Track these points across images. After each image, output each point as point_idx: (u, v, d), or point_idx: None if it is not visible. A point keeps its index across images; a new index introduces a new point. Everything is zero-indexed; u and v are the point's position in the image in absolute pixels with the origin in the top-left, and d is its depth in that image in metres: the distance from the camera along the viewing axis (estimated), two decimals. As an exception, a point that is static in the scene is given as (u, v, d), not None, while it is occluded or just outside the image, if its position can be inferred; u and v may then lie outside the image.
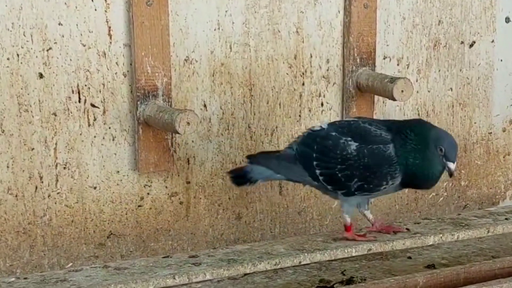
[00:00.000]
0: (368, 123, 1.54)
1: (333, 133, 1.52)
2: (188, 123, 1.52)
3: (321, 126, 1.56)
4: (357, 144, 1.49)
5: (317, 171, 1.52)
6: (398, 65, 1.92)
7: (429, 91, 1.98)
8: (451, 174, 1.50)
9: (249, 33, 1.73)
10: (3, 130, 1.53)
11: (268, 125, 1.80)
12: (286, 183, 1.84)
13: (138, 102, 1.61)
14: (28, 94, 1.54)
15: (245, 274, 1.50)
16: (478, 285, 1.44)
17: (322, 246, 1.58)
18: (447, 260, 1.61)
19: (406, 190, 2.00)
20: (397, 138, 1.50)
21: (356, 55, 1.84)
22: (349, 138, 1.50)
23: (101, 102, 1.60)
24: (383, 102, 1.92)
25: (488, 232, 1.72)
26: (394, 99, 1.75)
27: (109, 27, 1.58)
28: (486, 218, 1.80)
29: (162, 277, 1.41)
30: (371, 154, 1.48)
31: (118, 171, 1.65)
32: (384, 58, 1.90)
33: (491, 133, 2.10)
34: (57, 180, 1.59)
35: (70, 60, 1.56)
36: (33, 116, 1.55)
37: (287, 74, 1.80)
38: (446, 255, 1.64)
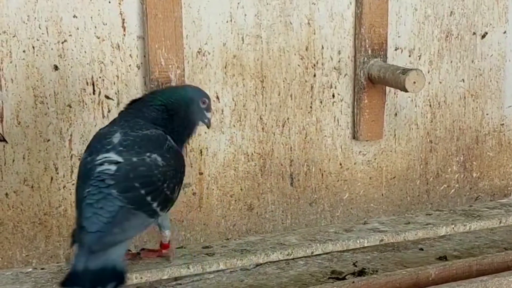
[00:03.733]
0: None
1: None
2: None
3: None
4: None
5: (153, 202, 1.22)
6: (409, 56, 1.92)
7: (440, 83, 1.98)
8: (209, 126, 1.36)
9: (261, 25, 1.73)
10: (19, 122, 1.55)
11: (279, 117, 1.81)
12: (298, 173, 1.85)
13: (152, 94, 1.62)
14: (43, 86, 1.55)
15: (257, 265, 1.51)
16: (490, 276, 1.44)
17: (334, 237, 1.59)
18: (459, 252, 1.62)
19: (418, 181, 2.01)
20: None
21: (367, 46, 1.84)
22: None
23: (115, 94, 1.62)
24: (395, 94, 1.92)
25: (500, 223, 1.72)
26: (406, 91, 1.75)
27: (123, 20, 1.59)
28: (498, 210, 1.80)
29: (176, 266, 1.43)
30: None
31: (132, 163, 1.66)
32: (395, 49, 1.90)
33: (503, 124, 2.09)
34: (72, 171, 1.61)
35: (85, 52, 1.57)
36: (48, 108, 1.56)
37: (298, 65, 1.80)
38: (458, 246, 1.64)
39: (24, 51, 1.52)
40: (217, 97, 1.73)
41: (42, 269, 1.43)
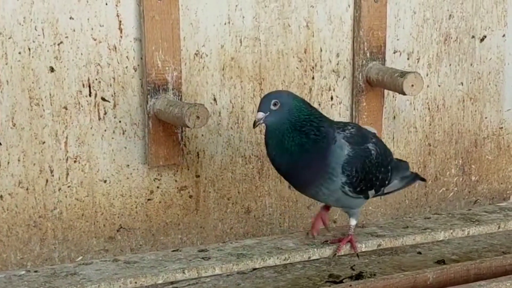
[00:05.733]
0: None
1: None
2: (198, 117, 1.52)
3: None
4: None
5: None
6: (408, 59, 1.91)
7: (439, 86, 1.97)
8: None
9: (259, 28, 1.73)
10: (15, 124, 1.54)
11: (277, 120, 1.80)
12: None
13: (149, 96, 1.61)
14: (39, 88, 1.54)
15: (254, 269, 1.50)
16: (489, 281, 1.44)
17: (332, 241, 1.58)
18: (457, 256, 1.61)
19: (416, 184, 2.00)
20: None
21: (366, 49, 1.83)
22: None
23: (112, 96, 1.61)
24: (393, 97, 1.91)
25: (499, 227, 1.72)
26: (404, 94, 1.74)
27: (120, 21, 1.58)
28: (496, 214, 1.79)
29: (171, 271, 1.42)
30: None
31: (128, 165, 1.65)
32: (394, 52, 1.89)
33: (502, 128, 2.08)
34: (67, 174, 1.60)
35: (81, 54, 1.56)
36: (44, 110, 1.55)
37: (297, 68, 1.79)
38: (457, 250, 1.64)
39: (19, 53, 1.51)
40: (215, 99, 1.72)
41: (36, 271, 1.41)
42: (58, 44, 1.54)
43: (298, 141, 1.40)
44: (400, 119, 1.94)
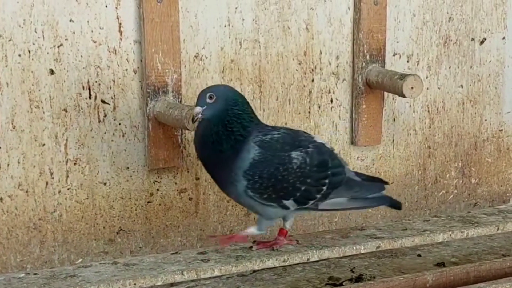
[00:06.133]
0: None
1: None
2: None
3: None
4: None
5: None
6: (408, 62, 1.92)
7: (439, 88, 1.98)
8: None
9: (259, 30, 1.73)
10: (14, 126, 1.54)
11: (277, 122, 1.80)
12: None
13: (148, 99, 1.61)
14: (39, 90, 1.55)
15: (254, 271, 1.50)
16: (488, 283, 1.43)
17: (331, 243, 1.58)
18: (457, 258, 1.61)
19: (416, 187, 2.00)
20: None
21: (366, 51, 1.83)
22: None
23: (112, 98, 1.61)
24: (393, 99, 1.91)
25: (498, 229, 1.72)
26: (403, 96, 1.75)
27: (120, 24, 1.58)
28: (496, 216, 1.79)
29: (170, 273, 1.42)
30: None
31: (128, 167, 1.65)
32: (394, 55, 1.89)
33: (501, 130, 2.08)
34: (67, 176, 1.60)
35: (81, 56, 1.56)
36: (44, 112, 1.56)
37: (296, 70, 1.80)
38: (456, 253, 1.63)
39: (19, 55, 1.52)
40: (214, 102, 1.72)
41: (35, 274, 1.42)
42: (58, 47, 1.54)
43: (218, 137, 1.37)
44: (399, 122, 1.94)
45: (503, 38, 2.02)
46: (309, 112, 1.83)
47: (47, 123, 1.56)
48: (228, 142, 1.38)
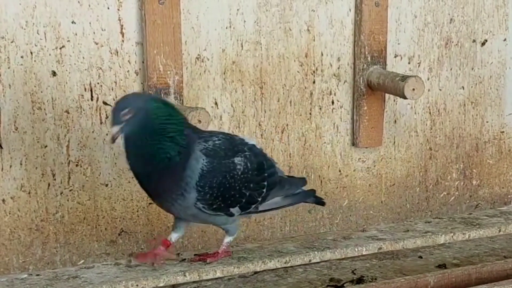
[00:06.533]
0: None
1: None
2: (200, 121, 1.52)
3: None
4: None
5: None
6: (409, 63, 1.92)
7: (440, 90, 1.98)
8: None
9: (260, 32, 1.73)
10: (17, 128, 1.54)
11: (278, 123, 1.80)
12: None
13: (150, 100, 1.61)
14: (41, 92, 1.55)
15: (255, 272, 1.51)
16: (490, 285, 1.44)
17: (332, 245, 1.58)
18: (459, 260, 1.61)
19: (417, 189, 2.00)
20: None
21: (367, 53, 1.83)
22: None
23: (113, 100, 1.61)
24: (394, 101, 1.91)
25: (500, 231, 1.72)
26: (405, 98, 1.75)
27: (122, 25, 1.59)
28: (497, 218, 1.79)
29: (172, 274, 1.42)
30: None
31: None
32: (395, 56, 1.89)
33: (503, 132, 2.08)
34: (69, 178, 1.60)
35: (83, 58, 1.57)
36: (46, 114, 1.56)
37: (298, 72, 1.80)
38: (458, 255, 1.63)
39: (22, 57, 1.52)
40: (216, 103, 1.72)
41: (38, 275, 1.42)
42: (60, 48, 1.55)
43: (160, 146, 1.29)
44: (401, 123, 1.94)
45: (505, 39, 2.02)
46: (310, 114, 1.83)
47: (49, 125, 1.57)
48: (174, 149, 1.30)
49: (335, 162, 1.88)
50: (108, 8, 1.57)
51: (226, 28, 1.69)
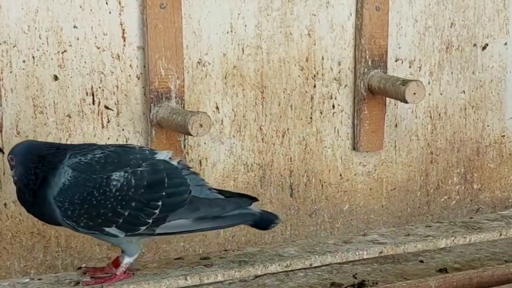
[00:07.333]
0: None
1: None
2: (201, 125, 1.53)
3: None
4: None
5: None
6: (410, 67, 1.92)
7: (441, 94, 1.98)
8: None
9: (261, 36, 1.74)
10: (19, 132, 1.55)
11: (279, 127, 1.81)
12: (298, 184, 1.85)
13: (152, 104, 1.62)
14: (43, 96, 1.56)
15: (256, 276, 1.51)
16: (491, 289, 1.44)
17: (333, 249, 1.58)
18: (460, 264, 1.60)
19: (418, 193, 2.00)
20: None
21: (368, 57, 1.84)
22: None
23: (115, 104, 1.62)
24: (395, 105, 1.92)
25: (501, 235, 1.71)
26: (406, 102, 1.75)
27: (123, 30, 1.59)
28: (498, 221, 1.79)
29: (174, 278, 1.42)
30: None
31: (131, 173, 1.66)
32: (396, 61, 1.90)
33: (504, 136, 2.09)
34: (71, 181, 1.61)
35: (85, 62, 1.57)
36: (48, 118, 1.57)
37: (298, 76, 1.80)
38: (459, 259, 1.63)
39: (24, 61, 1.53)
40: (217, 108, 1.73)
41: (39, 279, 1.42)
42: (62, 53, 1.55)
43: (25, 182, 1.27)
44: (402, 127, 1.95)
45: (505, 43, 2.02)
46: (311, 118, 1.84)
47: (51, 129, 1.57)
48: (28, 178, 1.27)
49: (336, 166, 1.88)
50: (110, 12, 1.57)
51: (227, 32, 1.70)
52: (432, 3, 1.91)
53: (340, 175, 1.89)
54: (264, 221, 1.41)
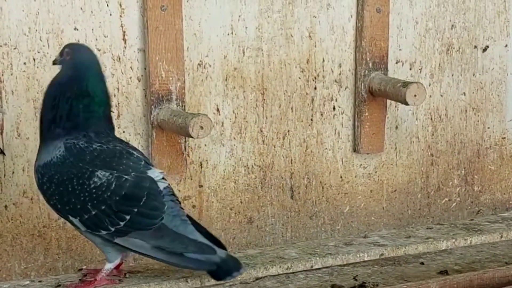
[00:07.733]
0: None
1: None
2: (202, 127, 1.53)
3: None
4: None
5: None
6: (410, 69, 1.92)
7: (442, 96, 1.98)
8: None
9: (262, 38, 1.74)
10: (19, 134, 1.55)
11: (280, 129, 1.81)
12: (298, 186, 1.85)
13: (152, 106, 1.62)
14: (43, 98, 1.55)
15: (257, 279, 1.51)
16: (491, 291, 1.44)
17: (334, 251, 1.58)
18: (460, 266, 1.61)
19: (419, 195, 2.00)
20: None
21: (368, 59, 1.84)
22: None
23: (116, 106, 1.62)
24: (396, 107, 1.92)
25: (501, 237, 1.72)
26: (406, 104, 1.75)
27: (124, 32, 1.60)
28: (499, 223, 1.79)
29: (175, 280, 1.42)
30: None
31: (132, 175, 1.66)
32: (396, 63, 1.90)
33: (504, 138, 2.09)
34: (71, 183, 1.60)
35: (85, 64, 1.57)
36: (48, 120, 1.56)
37: (299, 78, 1.80)
38: (459, 261, 1.63)
39: (25, 63, 1.53)
40: (218, 110, 1.73)
41: (40, 281, 1.42)
42: (63, 55, 1.55)
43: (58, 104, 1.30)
44: (402, 129, 1.95)
45: (506, 45, 2.02)
46: (311, 120, 1.84)
47: (52, 131, 1.57)
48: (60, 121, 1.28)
49: (337, 168, 1.88)
50: (111, 14, 1.58)
51: (228, 34, 1.70)
52: (433, 5, 1.91)
53: (341, 177, 1.89)
54: (222, 272, 1.36)
